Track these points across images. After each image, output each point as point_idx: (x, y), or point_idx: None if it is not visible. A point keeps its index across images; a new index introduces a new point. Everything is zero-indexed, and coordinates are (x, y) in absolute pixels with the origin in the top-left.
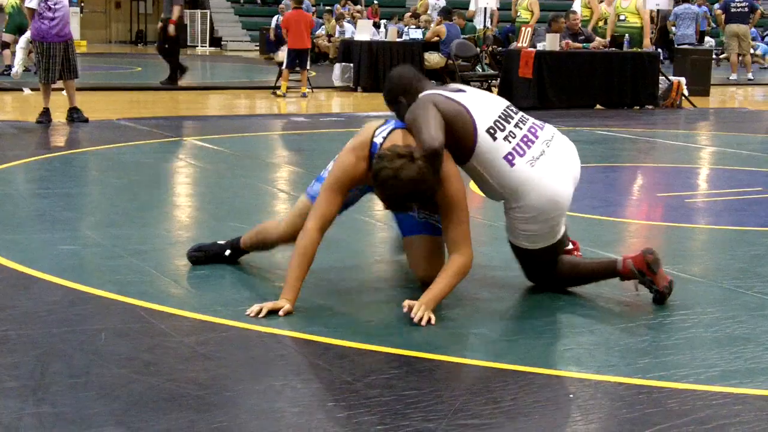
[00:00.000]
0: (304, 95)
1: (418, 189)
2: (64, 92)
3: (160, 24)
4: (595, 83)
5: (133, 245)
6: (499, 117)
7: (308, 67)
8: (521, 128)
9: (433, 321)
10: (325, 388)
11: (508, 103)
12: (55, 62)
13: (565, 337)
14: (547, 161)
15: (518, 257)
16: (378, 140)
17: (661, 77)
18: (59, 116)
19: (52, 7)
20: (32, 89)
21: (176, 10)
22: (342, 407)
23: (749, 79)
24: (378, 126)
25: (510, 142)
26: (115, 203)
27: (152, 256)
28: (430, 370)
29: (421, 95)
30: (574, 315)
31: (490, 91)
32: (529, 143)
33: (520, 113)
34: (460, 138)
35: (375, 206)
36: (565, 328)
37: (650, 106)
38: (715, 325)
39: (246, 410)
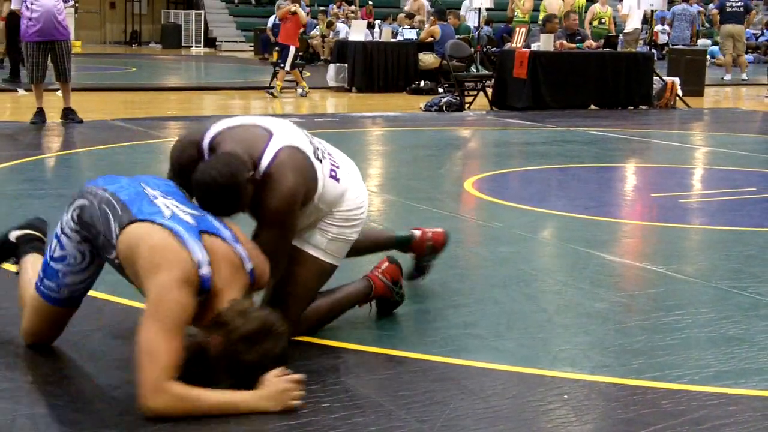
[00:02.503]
0: (303, 93)
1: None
2: (59, 92)
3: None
4: (589, 83)
5: None
6: (310, 141)
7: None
8: (324, 148)
9: None
10: (319, 389)
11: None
12: (35, 63)
13: (559, 337)
14: (349, 169)
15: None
16: (205, 272)
17: (655, 77)
18: (54, 116)
19: (29, 7)
20: (26, 90)
21: (5, 7)
22: (336, 408)
23: (743, 80)
24: (190, 246)
25: (326, 159)
26: None
27: None
28: (423, 371)
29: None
30: (568, 315)
31: (485, 92)
32: (333, 158)
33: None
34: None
35: (369, 206)
36: (559, 329)
37: (644, 106)
38: (709, 326)
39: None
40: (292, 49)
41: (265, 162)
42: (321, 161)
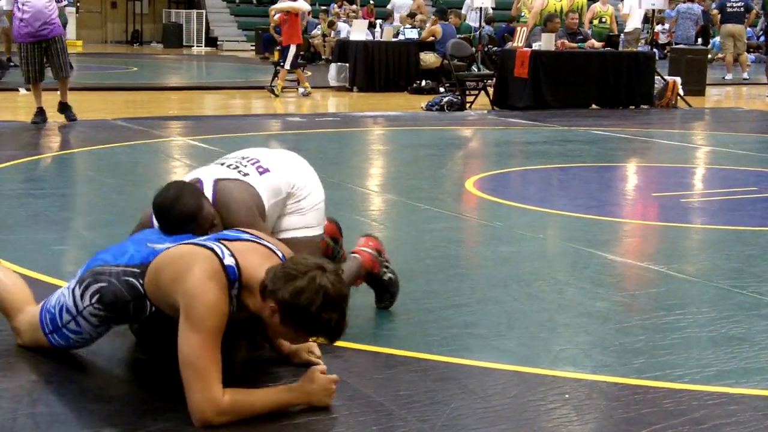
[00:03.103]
0: (305, 93)
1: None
2: (59, 91)
3: None
4: (590, 83)
5: None
6: (227, 166)
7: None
8: (240, 160)
9: None
10: None
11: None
12: (28, 63)
13: (560, 337)
14: (273, 155)
15: None
16: (229, 261)
17: (656, 77)
18: (55, 116)
19: (21, 7)
20: (27, 89)
21: None
22: (337, 408)
23: (744, 79)
24: (208, 245)
25: (249, 166)
26: (110, 203)
27: None
28: (424, 370)
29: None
30: (569, 315)
31: (486, 91)
32: (253, 160)
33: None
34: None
35: (370, 206)
36: (560, 328)
37: (646, 106)
38: (710, 325)
39: None
40: (293, 48)
41: (209, 193)
42: (247, 174)
